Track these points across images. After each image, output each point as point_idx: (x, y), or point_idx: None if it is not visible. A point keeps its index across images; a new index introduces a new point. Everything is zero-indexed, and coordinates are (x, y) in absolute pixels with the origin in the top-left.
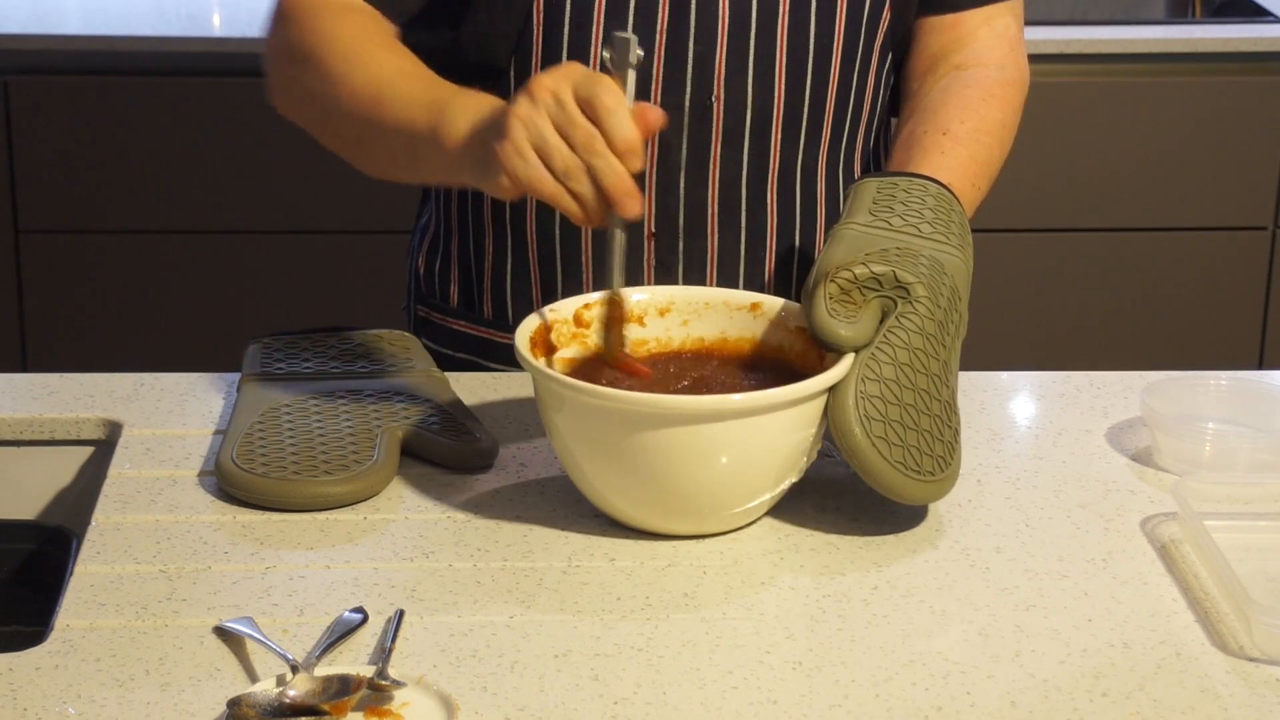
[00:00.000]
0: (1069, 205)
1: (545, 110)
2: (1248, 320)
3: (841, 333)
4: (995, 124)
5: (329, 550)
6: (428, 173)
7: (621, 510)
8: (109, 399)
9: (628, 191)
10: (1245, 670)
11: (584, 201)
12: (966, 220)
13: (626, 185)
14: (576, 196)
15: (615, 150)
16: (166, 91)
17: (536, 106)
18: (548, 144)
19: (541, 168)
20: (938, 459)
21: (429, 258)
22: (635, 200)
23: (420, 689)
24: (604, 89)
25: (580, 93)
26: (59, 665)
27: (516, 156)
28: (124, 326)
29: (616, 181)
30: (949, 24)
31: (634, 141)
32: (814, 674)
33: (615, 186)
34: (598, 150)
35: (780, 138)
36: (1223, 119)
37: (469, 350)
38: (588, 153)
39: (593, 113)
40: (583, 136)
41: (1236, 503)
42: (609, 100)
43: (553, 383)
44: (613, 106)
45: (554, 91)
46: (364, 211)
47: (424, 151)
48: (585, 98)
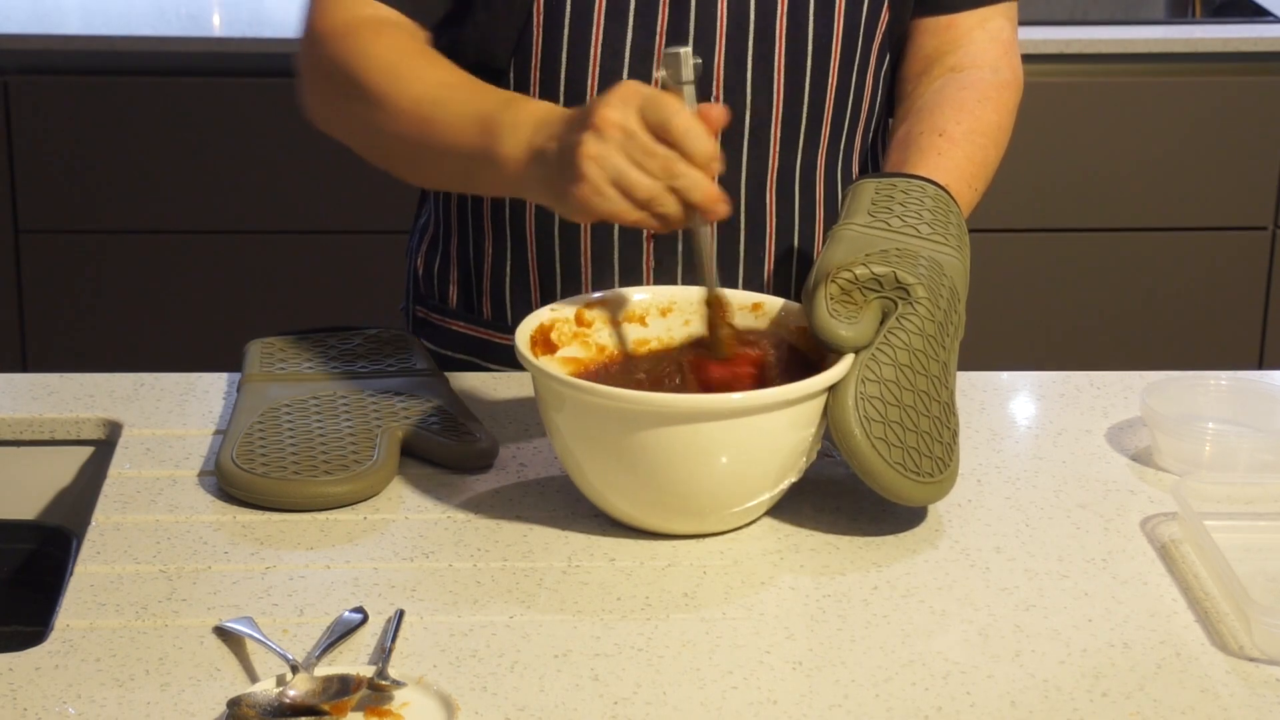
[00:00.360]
0: (1069, 205)
1: (616, 145)
2: (1248, 320)
3: (842, 333)
4: (991, 125)
5: (329, 550)
6: (485, 188)
7: (621, 510)
8: (109, 399)
9: (717, 198)
10: (1245, 670)
11: (669, 220)
12: (964, 221)
13: (715, 193)
14: (661, 217)
15: (697, 164)
16: (166, 91)
17: (606, 142)
18: (627, 178)
19: (623, 201)
20: (937, 460)
21: (428, 258)
22: (725, 204)
23: (420, 689)
24: (673, 111)
25: (650, 119)
26: (59, 665)
27: (596, 196)
28: (124, 326)
29: (706, 194)
30: (943, 25)
31: (714, 152)
32: (814, 674)
33: (706, 198)
34: (679, 171)
35: (779, 138)
36: (1223, 119)
37: (468, 351)
38: (669, 176)
39: (668, 136)
40: (661, 163)
41: (1236, 503)
42: (681, 121)
43: (553, 382)
44: (686, 126)
45: (621, 125)
46: (364, 211)
47: (480, 171)
48: (657, 123)
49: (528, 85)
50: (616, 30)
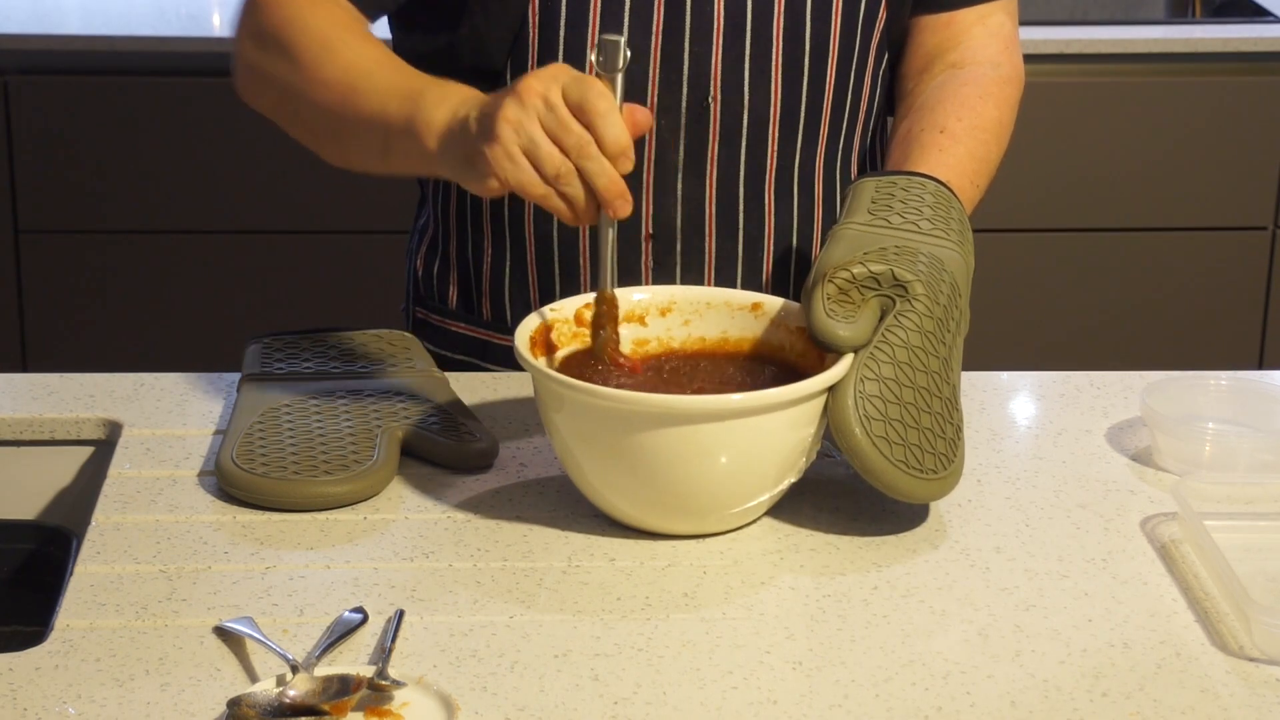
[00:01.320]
0: (1069, 205)
1: (535, 113)
2: (1248, 320)
3: (840, 333)
4: (992, 121)
5: (329, 550)
6: (401, 164)
7: (621, 510)
8: (109, 399)
9: (620, 193)
10: (1245, 670)
11: (574, 203)
12: (966, 217)
13: (619, 187)
14: (567, 198)
15: (607, 153)
16: (166, 91)
17: (526, 110)
18: (539, 148)
19: (531, 171)
20: (940, 456)
21: (427, 260)
22: (626, 202)
23: (420, 689)
24: (596, 93)
25: (571, 96)
26: (59, 665)
27: (506, 160)
28: (124, 326)
29: (609, 184)
30: (943, 22)
31: (626, 144)
32: (814, 674)
33: (608, 189)
34: (590, 154)
35: (777, 138)
36: (1223, 119)
37: (468, 352)
38: (580, 156)
39: (584, 116)
40: (575, 141)
41: (1236, 503)
42: (601, 104)
43: (553, 382)
44: (605, 110)
45: (543, 95)
46: (364, 211)
47: (398, 143)
48: (576, 101)
49: None
50: (612, 31)
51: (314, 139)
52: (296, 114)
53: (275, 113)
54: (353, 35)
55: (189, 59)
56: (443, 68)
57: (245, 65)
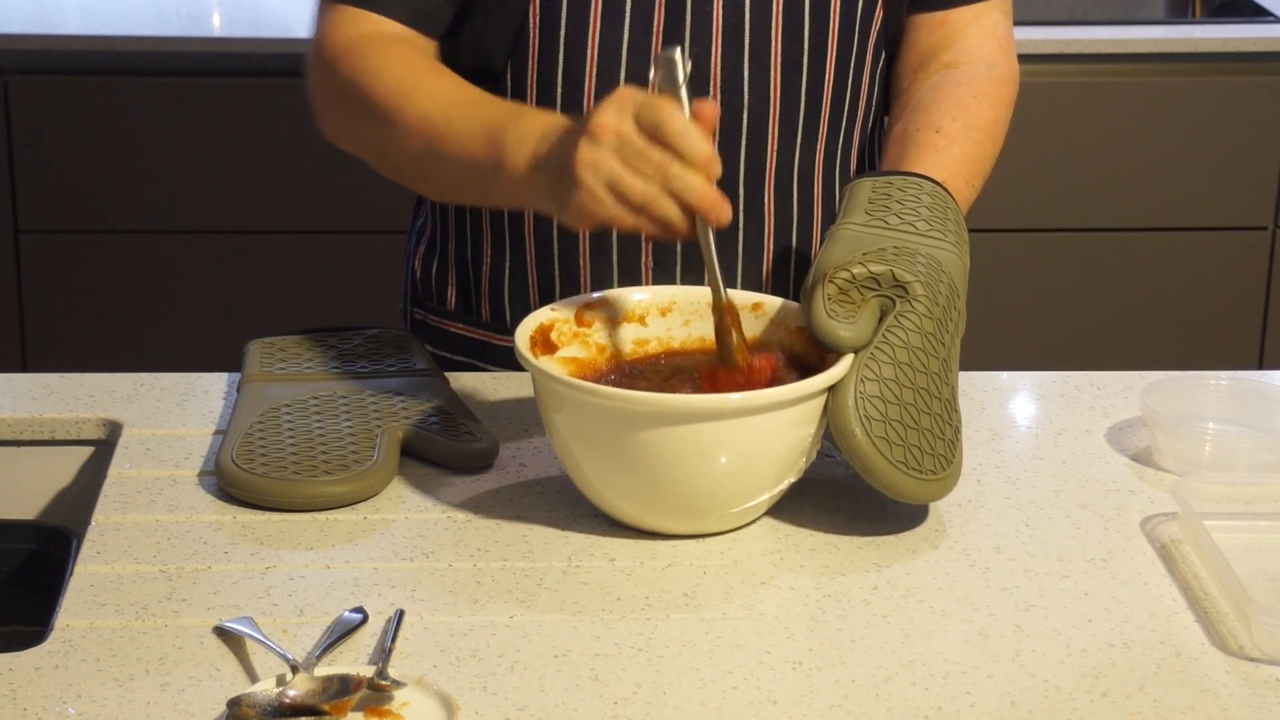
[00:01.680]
0: (1069, 205)
1: (610, 150)
2: (1248, 320)
3: (841, 333)
4: (987, 121)
5: (329, 550)
6: (499, 201)
7: (621, 510)
8: (109, 399)
9: (715, 202)
10: (1245, 670)
11: (669, 224)
12: (962, 217)
13: (713, 196)
14: (659, 221)
15: (694, 165)
16: (166, 91)
17: (600, 148)
18: (620, 183)
19: (618, 206)
20: (939, 457)
21: (426, 260)
22: (724, 207)
23: (420, 689)
24: (667, 114)
25: (644, 121)
26: (59, 665)
27: (593, 203)
28: (124, 326)
29: (701, 197)
30: (938, 21)
31: (710, 154)
32: (814, 674)
33: (702, 201)
34: (673, 174)
35: (777, 138)
36: (1223, 119)
37: (466, 353)
38: (665, 179)
39: (662, 138)
40: (656, 167)
41: (1236, 503)
42: (675, 124)
43: (553, 382)
44: (681, 128)
45: (615, 129)
46: (364, 211)
47: (493, 185)
48: (651, 126)
49: (524, 88)
50: (612, 32)
51: (407, 180)
52: (387, 162)
53: (366, 157)
54: (427, 77)
55: (189, 59)
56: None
57: (328, 119)
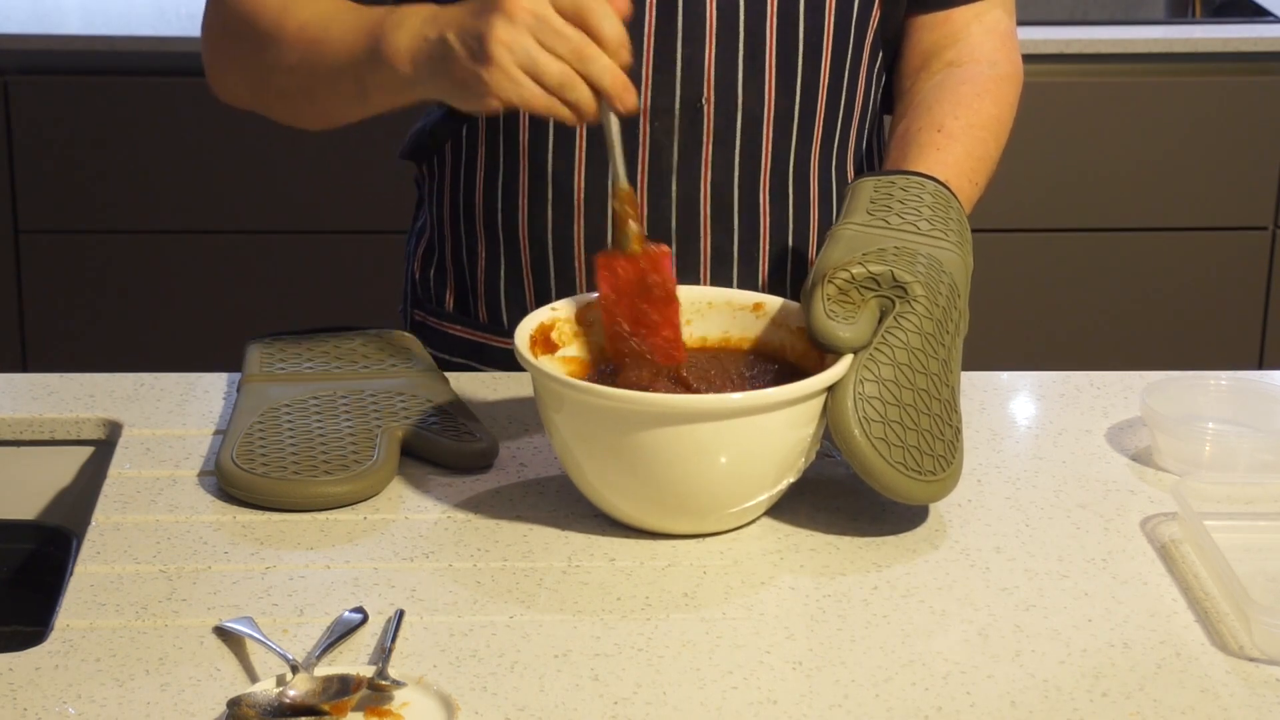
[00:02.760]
0: (1069, 205)
1: (526, 28)
2: (1248, 320)
3: (841, 334)
4: (990, 119)
5: (329, 550)
6: (380, 100)
7: (621, 510)
8: (109, 399)
9: (625, 85)
10: (1245, 670)
11: (579, 106)
12: (965, 217)
13: (623, 79)
14: (571, 104)
15: (609, 49)
16: (166, 91)
17: (516, 26)
18: (538, 62)
19: (533, 86)
20: (939, 458)
21: (424, 262)
22: (632, 92)
23: (420, 689)
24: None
25: (564, 3)
26: (59, 665)
27: (506, 80)
28: (124, 326)
29: (614, 79)
30: (939, 21)
31: (624, 37)
32: (814, 674)
33: (614, 83)
34: (590, 54)
35: (772, 138)
36: (1223, 119)
37: (465, 354)
38: (580, 60)
39: (582, 19)
40: (574, 46)
41: (1236, 503)
42: (594, 3)
43: (552, 382)
44: (599, 8)
45: (531, 9)
46: (364, 211)
47: (371, 78)
48: (570, 6)
49: None
50: None
51: (291, 107)
52: (267, 85)
53: (251, 95)
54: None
55: (189, 59)
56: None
57: (213, 58)
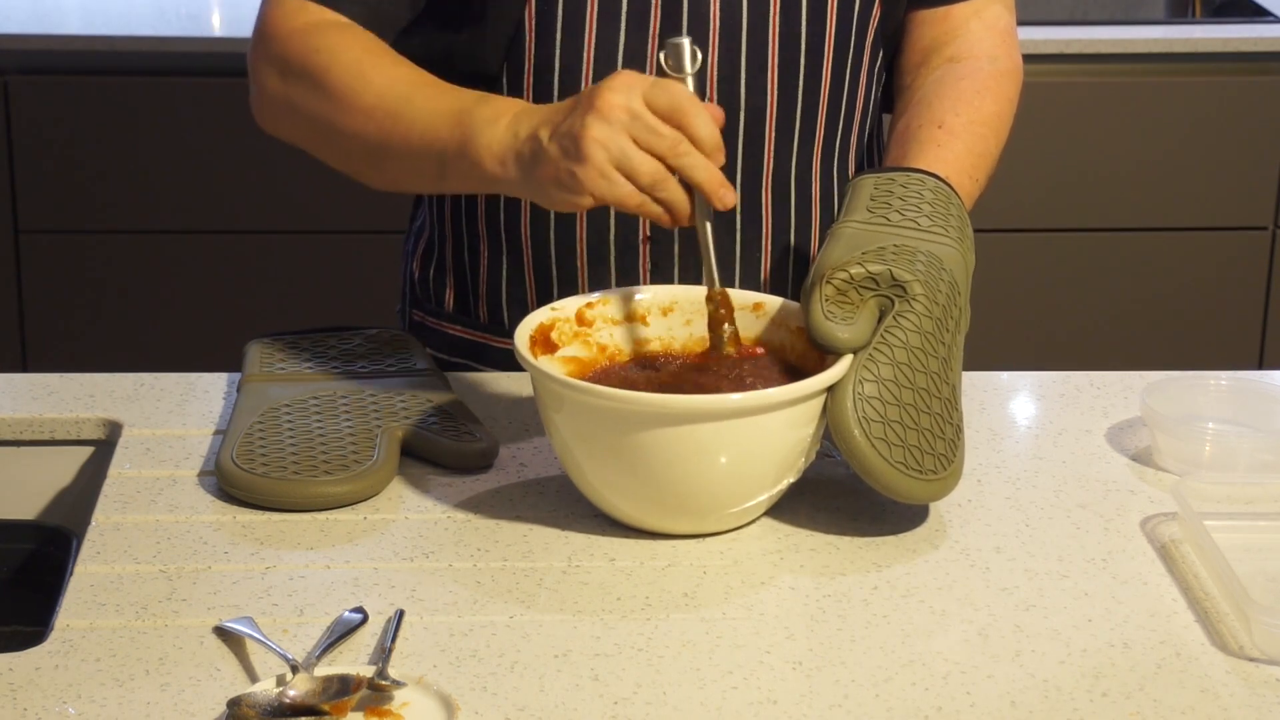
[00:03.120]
0: (1069, 205)
1: (621, 126)
2: (1248, 320)
3: (840, 335)
4: (990, 115)
5: (329, 550)
6: (457, 183)
7: (621, 510)
8: (109, 399)
9: (722, 182)
10: (1245, 670)
11: (673, 205)
12: (965, 213)
13: (720, 177)
14: (665, 203)
15: (704, 149)
16: (166, 91)
17: (611, 124)
18: (632, 160)
19: (626, 184)
20: (939, 457)
21: (423, 263)
22: (730, 189)
23: (420, 689)
24: (682, 93)
25: (659, 101)
26: (59, 665)
27: (601, 179)
28: (124, 326)
29: (710, 175)
30: (939, 17)
31: (718, 138)
32: (814, 674)
33: (710, 180)
34: (685, 150)
35: (774, 137)
36: (1223, 119)
37: (464, 354)
38: (675, 155)
39: (676, 118)
40: (669, 143)
41: (1236, 503)
42: (689, 104)
43: (552, 382)
44: (698, 109)
45: (625, 106)
46: (364, 211)
47: (454, 167)
48: (666, 106)
49: (521, 92)
50: (609, 34)
51: (351, 165)
52: (330, 143)
53: (304, 141)
54: (384, 58)
55: (189, 59)
56: (439, 73)
57: (268, 97)
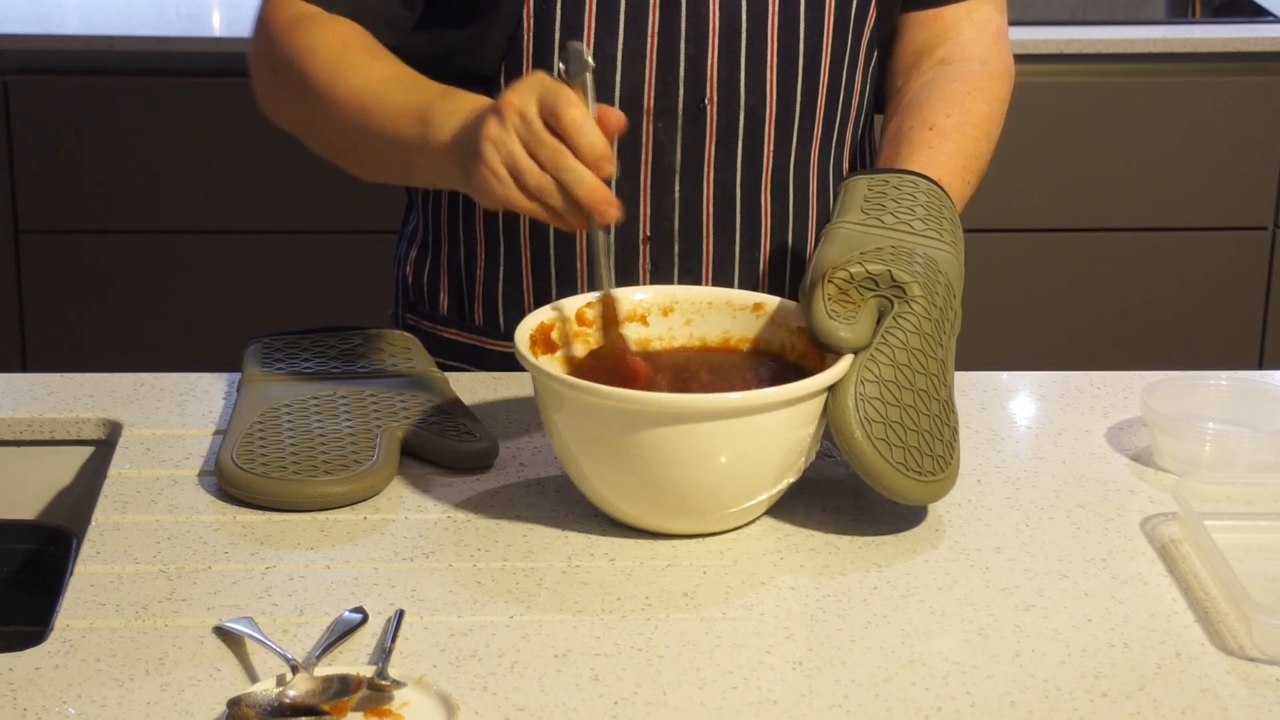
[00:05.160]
0: (1069, 205)
1: (513, 129)
2: (1248, 320)
3: (841, 334)
4: (981, 117)
5: (329, 550)
6: (422, 178)
7: (621, 510)
8: (109, 399)
9: (604, 199)
10: (1245, 670)
11: (561, 215)
12: (957, 216)
13: (601, 193)
14: (552, 210)
15: (585, 161)
16: (166, 91)
17: (505, 127)
18: (518, 164)
19: (513, 187)
20: (938, 459)
21: (417, 265)
22: (612, 206)
23: (420, 689)
24: (566, 102)
25: (544, 107)
26: (59, 665)
27: (492, 178)
28: (124, 326)
29: (590, 192)
30: (930, 18)
31: (602, 150)
32: (814, 674)
33: (590, 197)
34: (565, 165)
35: (773, 138)
36: (1223, 119)
37: (460, 358)
38: (555, 169)
39: (558, 127)
40: (550, 154)
41: (1236, 503)
42: (573, 113)
43: (552, 381)
44: (577, 120)
45: (520, 110)
46: (364, 212)
47: (416, 158)
48: (550, 111)
49: None
50: (607, 34)
51: (336, 156)
52: (315, 134)
53: (297, 132)
54: (361, 54)
55: (189, 59)
56: (438, 72)
57: (262, 88)
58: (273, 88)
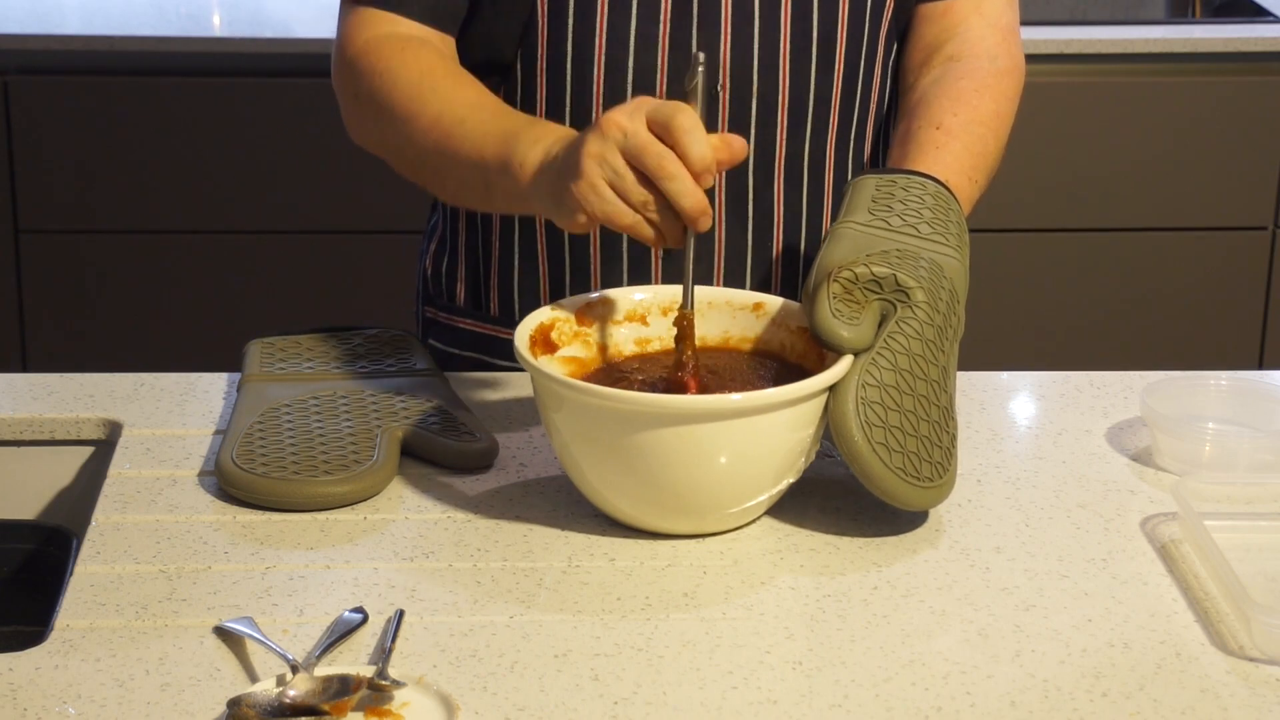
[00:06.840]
0: (1069, 205)
1: (615, 143)
2: (1248, 320)
3: (843, 334)
4: (989, 115)
5: (329, 550)
6: (502, 202)
7: (621, 510)
8: (109, 399)
9: (703, 210)
10: (1245, 670)
11: (662, 228)
12: (964, 220)
13: (702, 204)
14: (655, 225)
15: (693, 169)
16: (166, 91)
17: (606, 141)
18: (622, 178)
19: (617, 202)
20: (936, 465)
21: (436, 258)
22: (708, 216)
23: (420, 689)
24: (677, 109)
25: (654, 118)
26: (59, 665)
27: (591, 193)
28: (124, 326)
29: (693, 202)
30: (940, 12)
31: (709, 160)
32: (814, 674)
33: (692, 207)
34: (670, 172)
35: (786, 125)
36: (1223, 119)
37: (475, 348)
38: (660, 175)
39: (668, 135)
40: (654, 160)
41: (1236, 503)
42: (684, 120)
43: (552, 382)
44: (688, 127)
45: (622, 125)
46: (364, 211)
47: (497, 184)
48: (660, 121)
49: (534, 79)
50: (620, 20)
51: (424, 182)
52: (402, 159)
53: (381, 154)
54: (443, 80)
55: (189, 59)
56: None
57: (349, 117)
58: (356, 113)
